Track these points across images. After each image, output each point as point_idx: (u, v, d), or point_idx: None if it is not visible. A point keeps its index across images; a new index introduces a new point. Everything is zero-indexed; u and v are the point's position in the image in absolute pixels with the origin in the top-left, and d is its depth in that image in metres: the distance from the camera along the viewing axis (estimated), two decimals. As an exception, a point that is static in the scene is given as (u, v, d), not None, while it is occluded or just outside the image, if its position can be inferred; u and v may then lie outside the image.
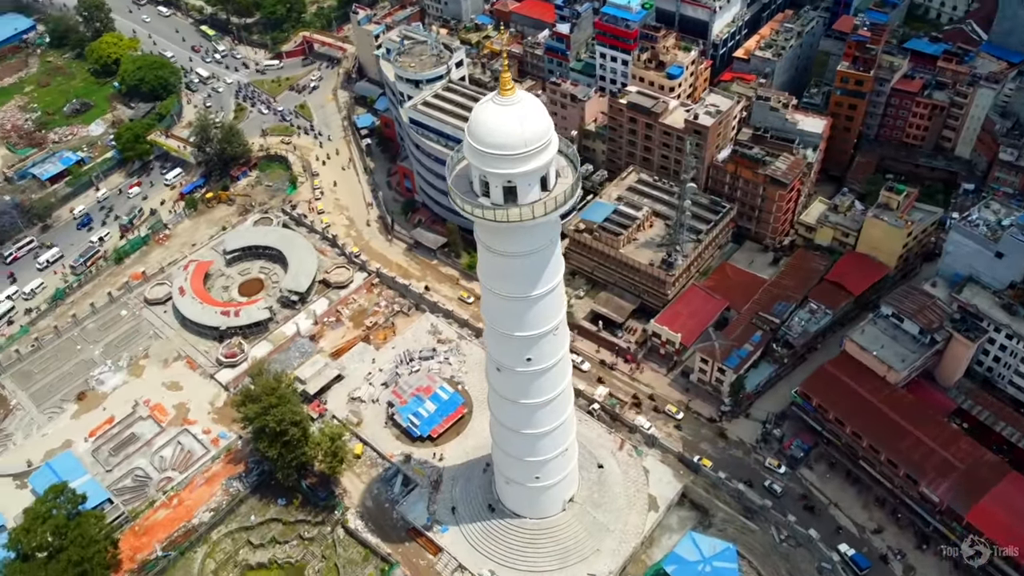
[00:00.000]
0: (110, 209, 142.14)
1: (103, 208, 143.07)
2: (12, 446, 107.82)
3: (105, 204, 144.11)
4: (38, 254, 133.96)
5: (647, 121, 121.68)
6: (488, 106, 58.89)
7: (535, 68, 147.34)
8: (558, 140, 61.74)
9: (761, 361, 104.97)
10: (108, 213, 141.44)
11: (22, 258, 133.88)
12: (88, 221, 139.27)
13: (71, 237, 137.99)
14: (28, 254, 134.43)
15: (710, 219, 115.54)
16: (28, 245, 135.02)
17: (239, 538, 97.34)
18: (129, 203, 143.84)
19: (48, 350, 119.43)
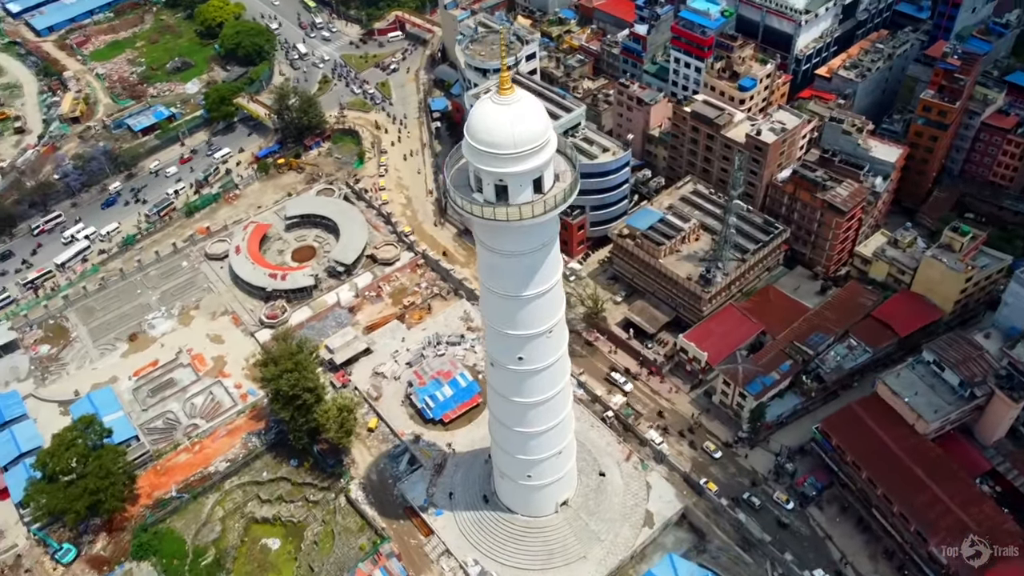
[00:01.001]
0: (138, 190, 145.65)
1: (185, 163, 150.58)
2: (65, 375, 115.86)
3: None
4: (64, 227, 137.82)
5: (709, 132, 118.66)
6: (485, 103, 59.09)
7: (610, 67, 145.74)
8: (556, 142, 61.31)
9: (788, 392, 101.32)
10: (136, 193, 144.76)
11: (49, 232, 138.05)
12: (113, 201, 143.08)
13: (97, 214, 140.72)
14: (55, 228, 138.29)
15: (760, 239, 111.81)
16: (56, 219, 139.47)
17: (249, 491, 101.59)
18: (207, 160, 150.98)
19: (111, 290, 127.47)
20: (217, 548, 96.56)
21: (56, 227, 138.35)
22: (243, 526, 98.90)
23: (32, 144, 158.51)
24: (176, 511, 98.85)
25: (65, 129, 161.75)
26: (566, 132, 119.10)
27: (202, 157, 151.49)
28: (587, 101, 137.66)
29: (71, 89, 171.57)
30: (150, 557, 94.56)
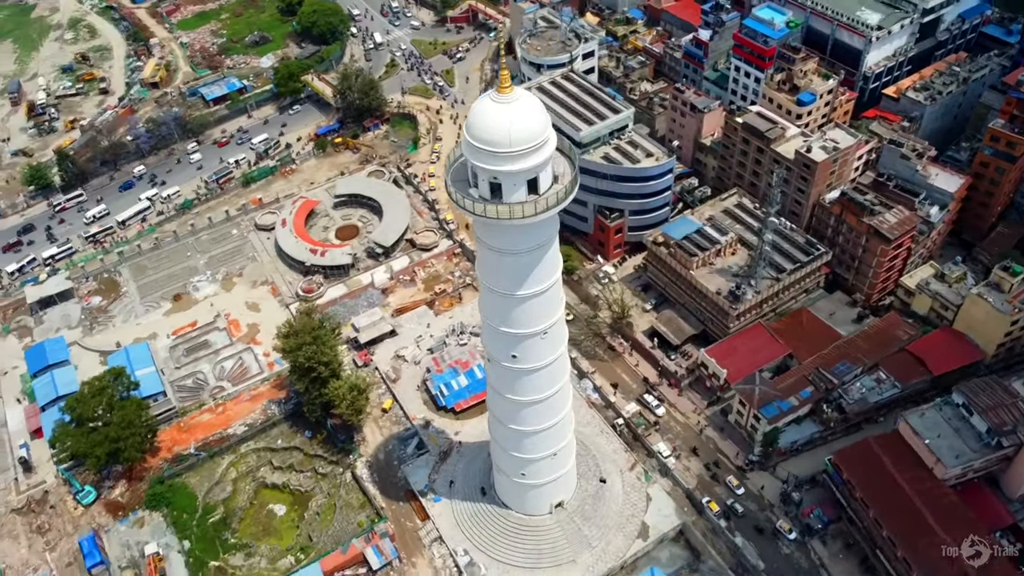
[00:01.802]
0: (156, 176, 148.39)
1: (245, 137, 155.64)
2: (111, 327, 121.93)
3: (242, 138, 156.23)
4: (85, 208, 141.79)
5: (759, 145, 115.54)
6: (484, 100, 59.21)
7: (672, 71, 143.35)
8: (554, 143, 60.98)
9: (807, 419, 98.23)
10: (153, 179, 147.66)
11: (69, 209, 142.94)
12: (131, 184, 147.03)
13: (117, 196, 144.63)
14: (75, 206, 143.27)
15: (799, 260, 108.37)
16: (77, 199, 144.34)
17: (263, 456, 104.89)
18: (270, 132, 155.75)
19: (164, 251, 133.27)
20: (226, 507, 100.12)
21: (77, 206, 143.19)
22: (253, 489, 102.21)
23: (112, 105, 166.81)
24: (192, 468, 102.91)
25: (144, 93, 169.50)
26: (612, 134, 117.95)
27: (233, 145, 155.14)
28: (642, 104, 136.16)
29: (155, 55, 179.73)
30: (162, 508, 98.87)
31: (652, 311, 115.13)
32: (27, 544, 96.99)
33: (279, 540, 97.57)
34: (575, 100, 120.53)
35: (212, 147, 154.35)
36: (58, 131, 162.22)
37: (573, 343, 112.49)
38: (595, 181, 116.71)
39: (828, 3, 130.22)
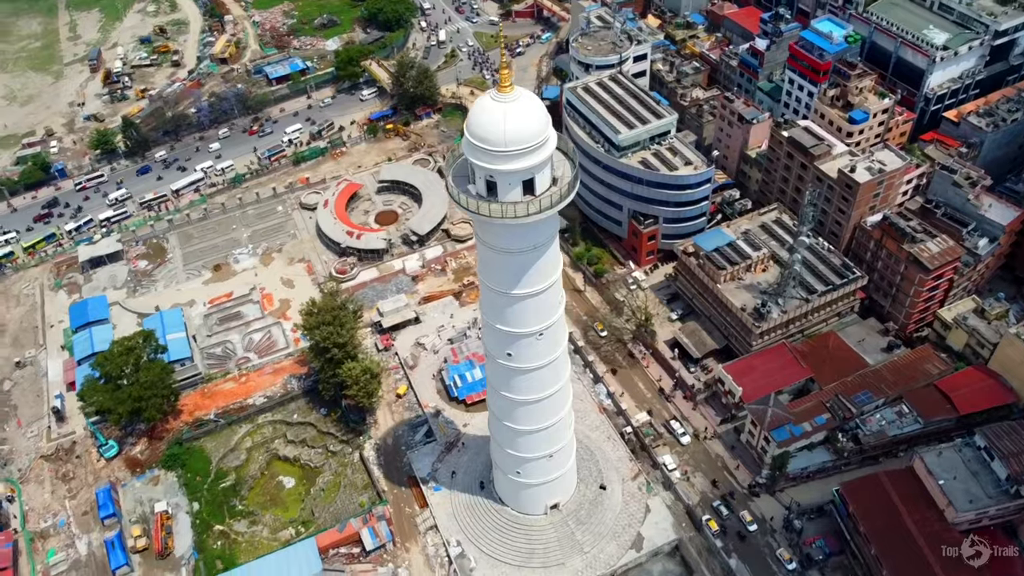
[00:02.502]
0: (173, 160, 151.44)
1: (309, 119, 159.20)
2: (153, 290, 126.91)
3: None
4: (106, 192, 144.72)
5: (803, 161, 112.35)
6: (485, 98, 59.39)
7: (727, 79, 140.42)
8: (553, 146, 60.67)
9: (820, 446, 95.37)
10: (170, 163, 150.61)
11: (90, 188, 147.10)
12: (148, 169, 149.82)
13: (134, 180, 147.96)
14: (96, 185, 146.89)
15: (831, 282, 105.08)
16: (98, 179, 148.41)
17: (278, 429, 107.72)
18: (323, 114, 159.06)
19: (210, 222, 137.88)
20: (238, 474, 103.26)
21: (98, 185, 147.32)
22: (265, 460, 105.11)
23: (181, 78, 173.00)
24: (210, 433, 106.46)
25: (213, 68, 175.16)
26: (652, 139, 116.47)
27: (317, 111, 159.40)
28: (692, 111, 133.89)
29: (227, 32, 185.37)
30: (177, 469, 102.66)
31: (677, 321, 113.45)
32: (51, 490, 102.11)
33: (284, 511, 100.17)
34: (619, 102, 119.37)
35: (243, 134, 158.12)
36: (129, 99, 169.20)
37: (593, 346, 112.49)
38: (631, 186, 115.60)
39: (894, 19, 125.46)
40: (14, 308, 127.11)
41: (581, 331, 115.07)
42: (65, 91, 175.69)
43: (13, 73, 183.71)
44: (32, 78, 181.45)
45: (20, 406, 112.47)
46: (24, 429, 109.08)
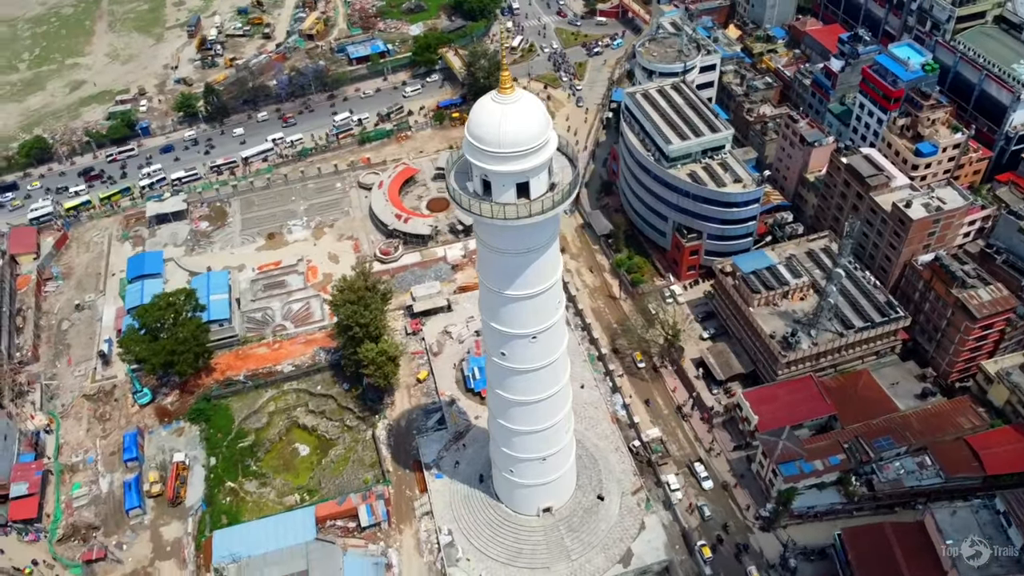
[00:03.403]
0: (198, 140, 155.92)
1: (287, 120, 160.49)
2: (208, 251, 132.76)
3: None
4: (136, 164, 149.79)
5: (859, 190, 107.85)
6: (485, 99, 59.62)
7: (799, 98, 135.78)
8: (550, 151, 60.31)
9: (832, 487, 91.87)
10: (196, 143, 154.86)
11: (120, 160, 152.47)
12: (171, 148, 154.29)
13: (159, 158, 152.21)
14: (126, 158, 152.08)
15: (871, 320, 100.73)
16: (128, 152, 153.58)
17: (301, 398, 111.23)
18: (393, 98, 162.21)
19: (272, 191, 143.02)
20: (257, 436, 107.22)
21: (128, 158, 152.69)
22: (285, 426, 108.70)
23: (268, 50, 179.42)
24: (237, 393, 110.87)
25: (300, 43, 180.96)
26: (705, 152, 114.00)
27: (388, 95, 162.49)
28: (757, 127, 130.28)
29: (318, 9, 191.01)
30: (201, 423, 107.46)
31: (708, 341, 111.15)
32: (86, 427, 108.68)
33: (295, 477, 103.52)
34: (676, 112, 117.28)
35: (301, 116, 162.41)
36: (218, 67, 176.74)
37: (618, 355, 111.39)
38: (676, 197, 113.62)
39: (983, 50, 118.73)
40: (83, 254, 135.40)
41: (609, 338, 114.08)
42: (162, 54, 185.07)
43: (119, 33, 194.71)
44: (135, 39, 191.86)
45: (73, 346, 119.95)
46: (73, 368, 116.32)
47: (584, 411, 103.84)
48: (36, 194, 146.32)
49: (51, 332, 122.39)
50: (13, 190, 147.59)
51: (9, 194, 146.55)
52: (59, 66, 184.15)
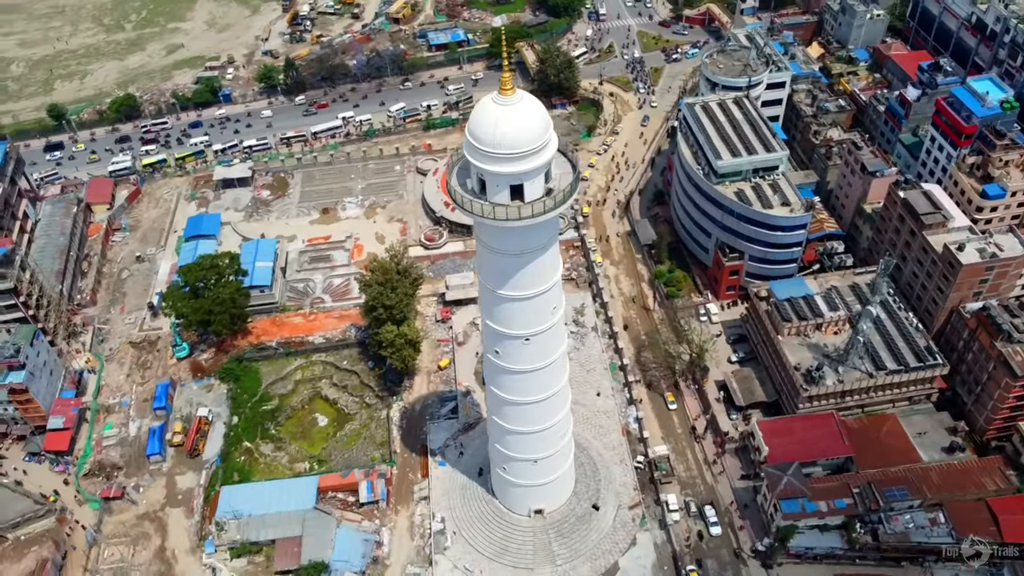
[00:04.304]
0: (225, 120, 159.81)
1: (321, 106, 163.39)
2: (265, 220, 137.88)
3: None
4: (168, 133, 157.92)
5: (912, 227, 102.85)
6: (487, 98, 59.86)
7: (872, 124, 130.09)
8: (547, 156, 60.09)
9: (835, 530, 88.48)
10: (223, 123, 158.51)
11: (155, 131, 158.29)
12: (199, 124, 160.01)
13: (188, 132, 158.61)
14: (159, 131, 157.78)
15: (906, 363, 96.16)
16: (162, 125, 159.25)
17: (327, 370, 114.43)
18: (462, 88, 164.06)
19: (333, 168, 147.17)
20: (281, 401, 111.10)
21: (161, 130, 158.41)
22: (309, 395, 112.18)
23: (354, 30, 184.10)
24: (268, 358, 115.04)
25: (385, 26, 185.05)
26: (756, 171, 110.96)
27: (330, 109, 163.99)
28: (821, 151, 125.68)
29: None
30: (230, 382, 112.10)
31: (736, 364, 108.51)
32: (127, 373, 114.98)
33: (309, 446, 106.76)
34: (732, 127, 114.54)
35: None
36: (305, 42, 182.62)
37: (641, 367, 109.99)
38: (721, 215, 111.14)
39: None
40: (152, 209, 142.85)
41: (635, 349, 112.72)
42: (256, 25, 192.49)
43: (220, 2, 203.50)
44: (233, 8, 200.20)
45: (129, 295, 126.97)
46: (125, 315, 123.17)
47: (596, 419, 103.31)
48: (81, 156, 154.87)
49: (111, 280, 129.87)
50: (59, 149, 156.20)
51: (57, 153, 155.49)
52: (161, 29, 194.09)
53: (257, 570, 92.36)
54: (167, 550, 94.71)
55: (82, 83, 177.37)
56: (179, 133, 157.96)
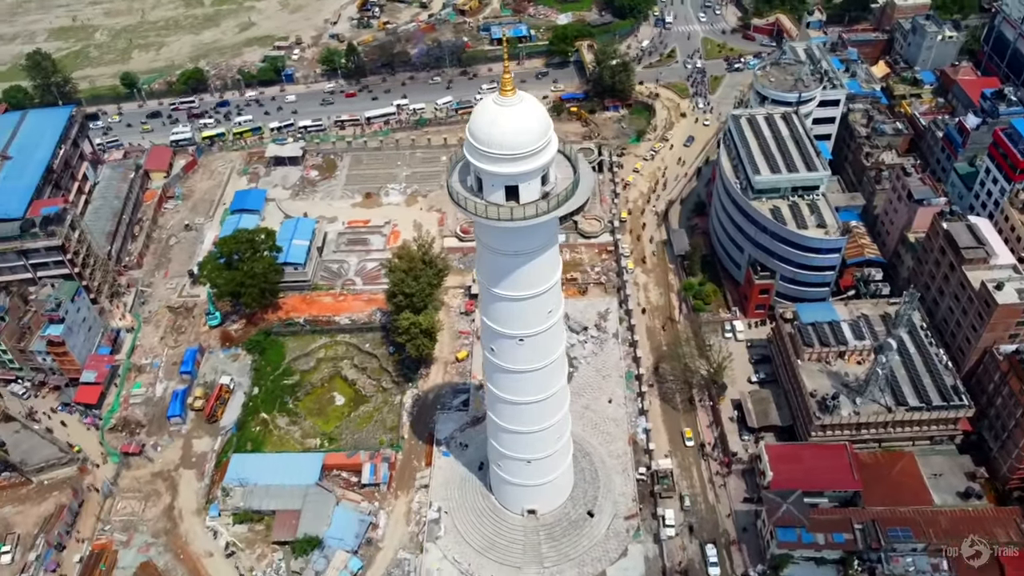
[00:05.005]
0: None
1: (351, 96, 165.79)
2: (310, 199, 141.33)
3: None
4: (193, 111, 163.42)
5: (952, 261, 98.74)
6: (488, 98, 60.14)
7: (928, 150, 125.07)
8: (543, 160, 59.99)
9: (831, 565, 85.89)
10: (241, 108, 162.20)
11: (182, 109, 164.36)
12: (226, 103, 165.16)
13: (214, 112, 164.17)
14: (187, 108, 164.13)
15: (928, 402, 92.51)
16: (189, 103, 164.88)
17: (349, 352, 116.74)
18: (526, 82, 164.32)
19: (382, 154, 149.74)
20: (302, 377, 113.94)
21: (189, 108, 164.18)
22: (329, 374, 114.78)
23: (420, 19, 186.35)
24: (295, 334, 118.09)
25: (451, 17, 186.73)
26: (795, 189, 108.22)
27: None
28: (871, 173, 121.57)
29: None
30: (256, 354, 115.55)
31: (755, 385, 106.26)
32: (161, 335, 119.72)
33: (324, 423, 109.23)
34: (776, 142, 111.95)
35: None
36: (371, 28, 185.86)
37: (658, 378, 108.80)
38: (754, 231, 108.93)
39: None
40: (206, 180, 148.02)
41: (654, 360, 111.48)
42: (327, 8, 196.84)
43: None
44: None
45: (173, 261, 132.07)
46: (167, 280, 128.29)
47: (604, 425, 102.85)
48: (117, 127, 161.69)
49: (159, 245, 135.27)
50: (95, 120, 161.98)
51: (99, 122, 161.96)
52: (237, 7, 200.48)
53: (256, 538, 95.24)
54: (175, 509, 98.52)
55: (157, 54, 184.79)
56: (209, 111, 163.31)
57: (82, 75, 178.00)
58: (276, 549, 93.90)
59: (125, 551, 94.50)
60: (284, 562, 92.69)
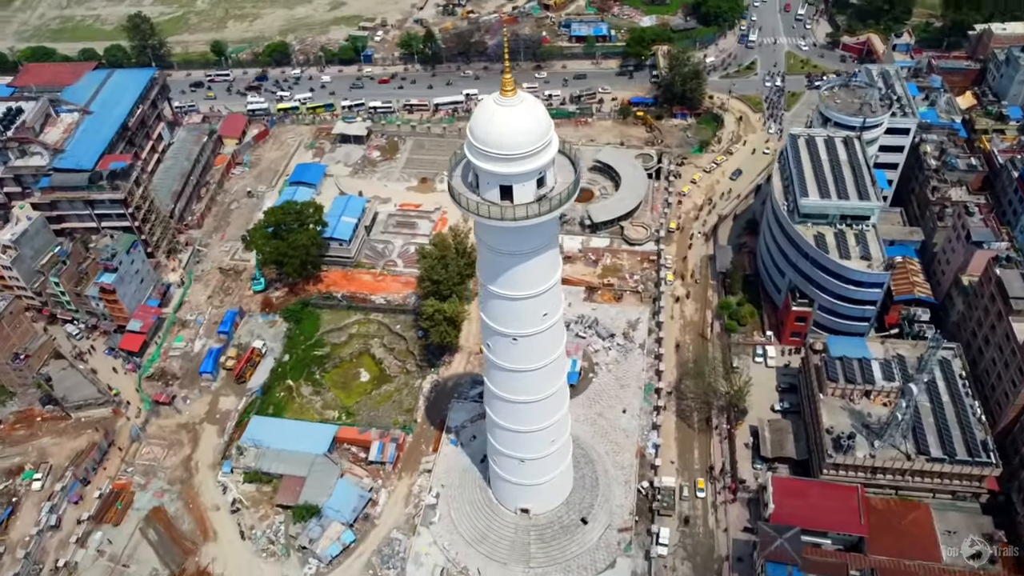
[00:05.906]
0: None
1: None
2: (368, 178, 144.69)
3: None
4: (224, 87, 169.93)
5: (1000, 309, 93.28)
6: (489, 98, 60.48)
7: (1002, 189, 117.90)
8: (539, 162, 59.98)
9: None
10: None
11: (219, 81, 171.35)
12: (265, 78, 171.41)
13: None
14: (223, 80, 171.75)
15: (952, 454, 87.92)
16: (224, 76, 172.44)
17: (380, 331, 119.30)
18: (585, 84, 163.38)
19: (443, 140, 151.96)
20: (332, 350, 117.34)
21: (223, 80, 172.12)
22: (359, 350, 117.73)
23: (504, 11, 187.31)
24: (331, 308, 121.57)
25: (535, 11, 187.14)
26: (844, 217, 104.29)
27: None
28: (935, 209, 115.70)
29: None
30: (292, 323, 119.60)
31: (777, 414, 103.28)
32: (208, 294, 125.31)
33: (346, 397, 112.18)
34: (831, 167, 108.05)
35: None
36: (455, 16, 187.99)
37: (678, 394, 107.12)
38: (796, 256, 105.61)
39: None
40: (274, 150, 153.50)
41: (678, 375, 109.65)
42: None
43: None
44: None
45: (232, 225, 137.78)
46: (223, 243, 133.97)
47: (614, 434, 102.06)
48: (194, 95, 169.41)
49: (221, 208, 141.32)
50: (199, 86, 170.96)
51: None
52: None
53: (262, 498, 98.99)
54: (193, 460, 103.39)
55: (251, 25, 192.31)
56: (242, 87, 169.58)
57: (178, 40, 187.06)
58: (278, 512, 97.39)
59: (141, 493, 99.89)
60: (284, 525, 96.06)
